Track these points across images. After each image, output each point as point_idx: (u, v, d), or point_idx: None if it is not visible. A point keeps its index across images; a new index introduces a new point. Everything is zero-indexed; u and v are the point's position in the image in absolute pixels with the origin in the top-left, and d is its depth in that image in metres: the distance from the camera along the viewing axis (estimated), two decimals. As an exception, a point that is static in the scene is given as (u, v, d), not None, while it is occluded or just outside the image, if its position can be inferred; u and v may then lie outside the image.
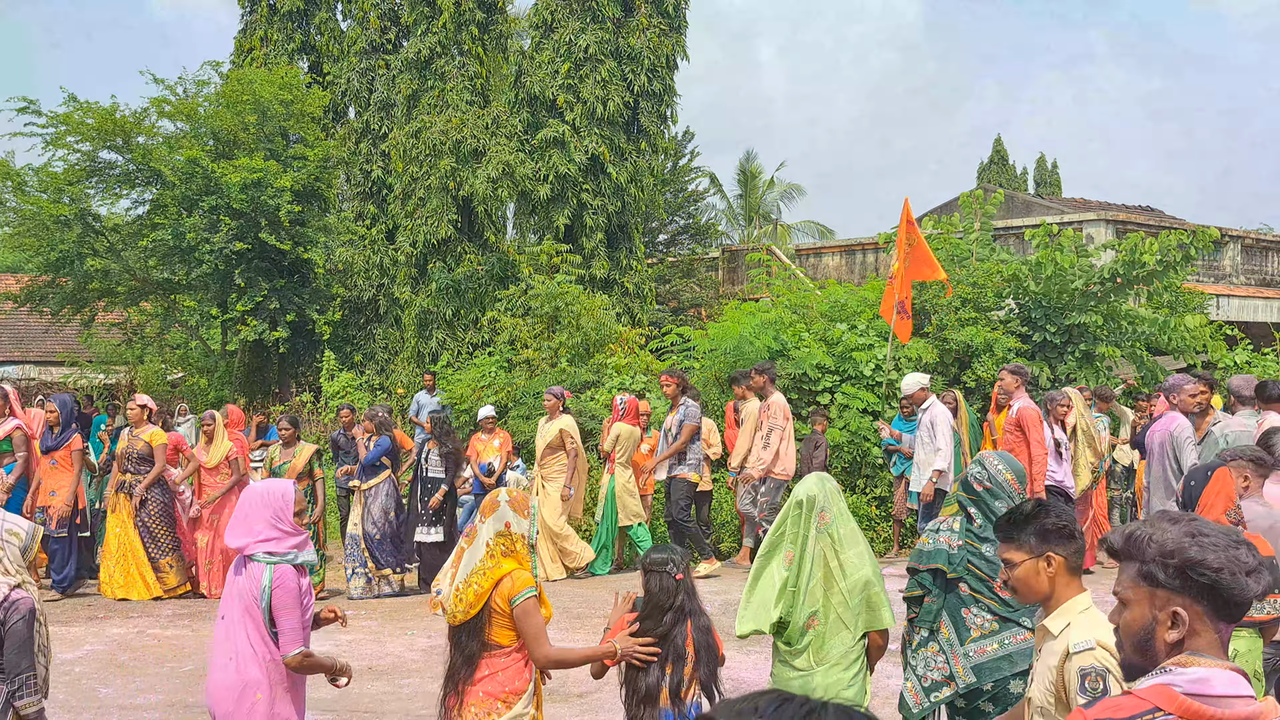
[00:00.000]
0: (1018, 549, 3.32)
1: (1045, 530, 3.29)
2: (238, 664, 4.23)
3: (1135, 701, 2.12)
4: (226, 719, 4.27)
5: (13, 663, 4.09)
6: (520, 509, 4.22)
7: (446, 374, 16.62)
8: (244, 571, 4.30)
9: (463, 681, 4.09)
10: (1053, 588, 3.28)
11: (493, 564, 4.10)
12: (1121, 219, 18.66)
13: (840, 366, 13.26)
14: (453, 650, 4.17)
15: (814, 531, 4.47)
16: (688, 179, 28.83)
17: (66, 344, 25.62)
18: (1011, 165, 38.70)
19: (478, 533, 4.20)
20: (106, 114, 18.61)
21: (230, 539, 4.40)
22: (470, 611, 4.06)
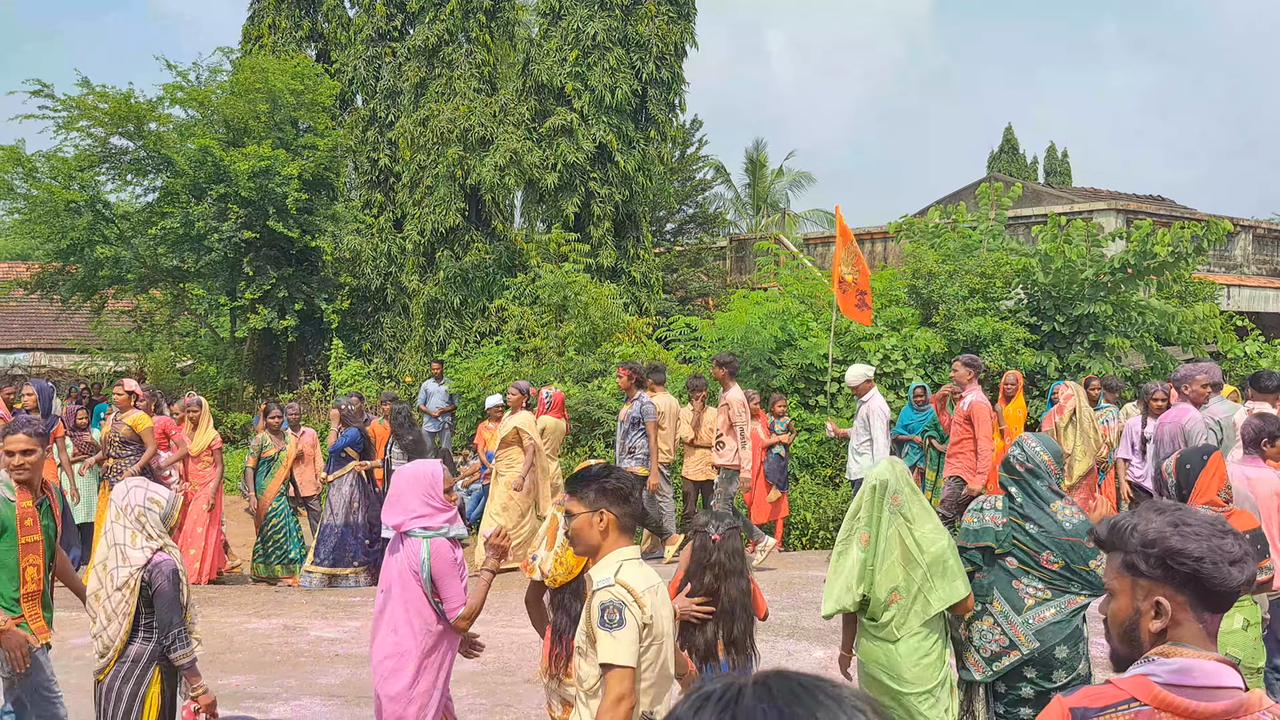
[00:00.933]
0: (578, 502, 3.58)
1: (604, 489, 3.55)
2: (396, 635, 4.57)
3: (1113, 691, 2.13)
4: (379, 685, 4.59)
5: (164, 620, 4.47)
6: None
7: (454, 362, 16.64)
8: (401, 548, 4.62)
9: (570, 637, 4.34)
10: (602, 540, 3.56)
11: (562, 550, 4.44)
12: (1132, 208, 18.57)
13: (848, 356, 13.24)
14: (555, 612, 4.52)
15: (888, 514, 4.71)
16: (695, 168, 28.76)
17: (77, 331, 25.70)
18: (1022, 155, 38.52)
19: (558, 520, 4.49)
20: (121, 100, 18.64)
21: (388, 518, 4.70)
22: (571, 574, 4.42)
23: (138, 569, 4.46)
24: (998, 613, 4.71)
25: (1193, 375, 8.63)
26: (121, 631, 4.47)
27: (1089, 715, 2.12)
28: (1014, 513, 4.77)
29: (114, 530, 4.55)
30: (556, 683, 4.50)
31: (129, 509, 4.60)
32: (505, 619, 8.81)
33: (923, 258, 14.45)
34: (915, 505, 4.74)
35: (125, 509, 4.60)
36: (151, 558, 4.48)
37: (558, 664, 4.46)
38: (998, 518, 4.78)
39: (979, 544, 4.79)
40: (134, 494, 4.62)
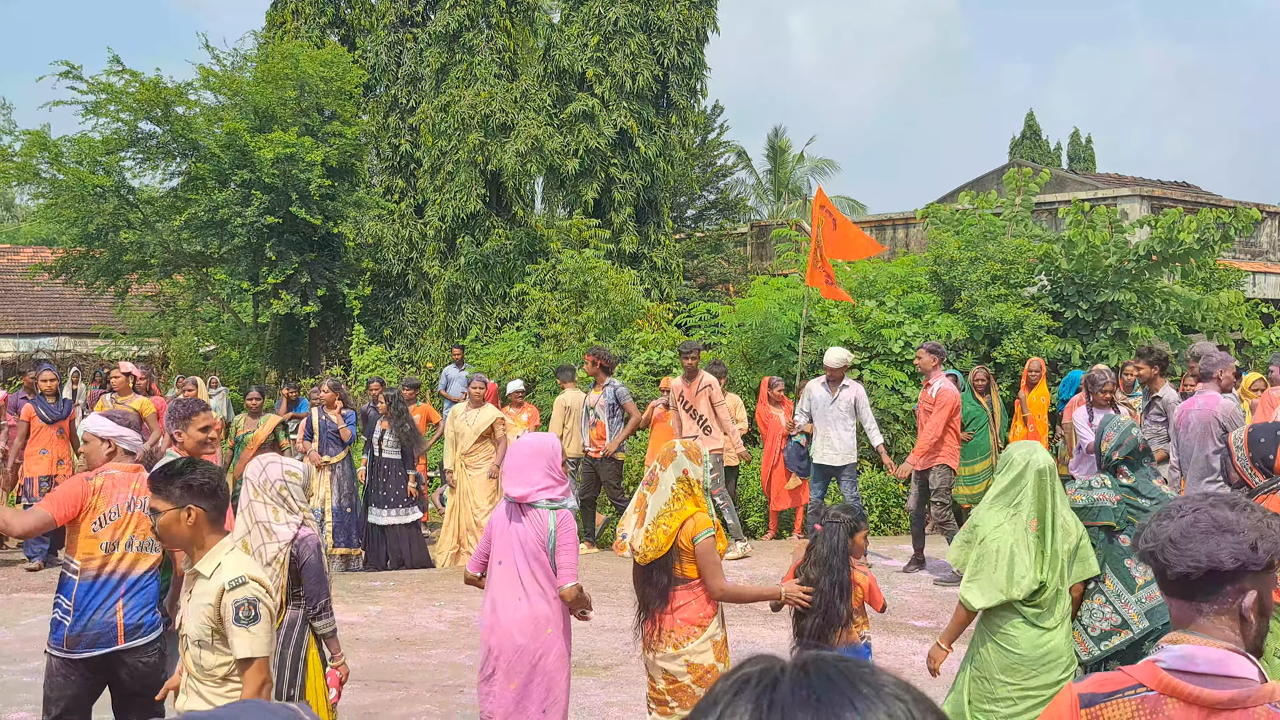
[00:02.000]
0: (164, 500, 3.64)
1: (189, 486, 3.63)
2: (530, 601, 4.72)
3: (1122, 677, 2.18)
4: (522, 652, 4.71)
5: (312, 591, 4.62)
6: (695, 457, 4.77)
7: (475, 348, 16.69)
8: (523, 518, 4.78)
9: (659, 611, 4.67)
10: (194, 535, 3.66)
11: (677, 506, 4.66)
12: (1157, 195, 18.40)
13: (869, 343, 13.21)
14: (645, 586, 4.73)
15: (1059, 499, 4.63)
16: (717, 153, 28.66)
17: (101, 316, 25.88)
18: (1045, 140, 38.21)
19: (659, 480, 4.73)
20: (150, 85, 18.71)
21: (511, 489, 4.81)
22: (662, 550, 4.61)
23: (285, 544, 4.57)
24: (1110, 591, 4.74)
25: (1227, 362, 8.54)
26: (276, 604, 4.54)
27: (1097, 700, 2.16)
28: (1125, 490, 4.82)
29: (254, 508, 4.60)
30: (654, 653, 4.71)
31: (268, 485, 4.64)
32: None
33: (944, 244, 14.38)
34: (1060, 490, 4.74)
35: (264, 485, 4.64)
36: (297, 533, 4.62)
37: (655, 637, 4.67)
38: (1110, 495, 4.83)
39: (1101, 522, 4.83)
40: (270, 470, 4.68)
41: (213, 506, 3.68)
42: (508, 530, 4.81)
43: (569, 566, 4.75)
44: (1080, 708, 2.17)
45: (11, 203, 46.36)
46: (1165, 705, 2.10)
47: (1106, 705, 2.15)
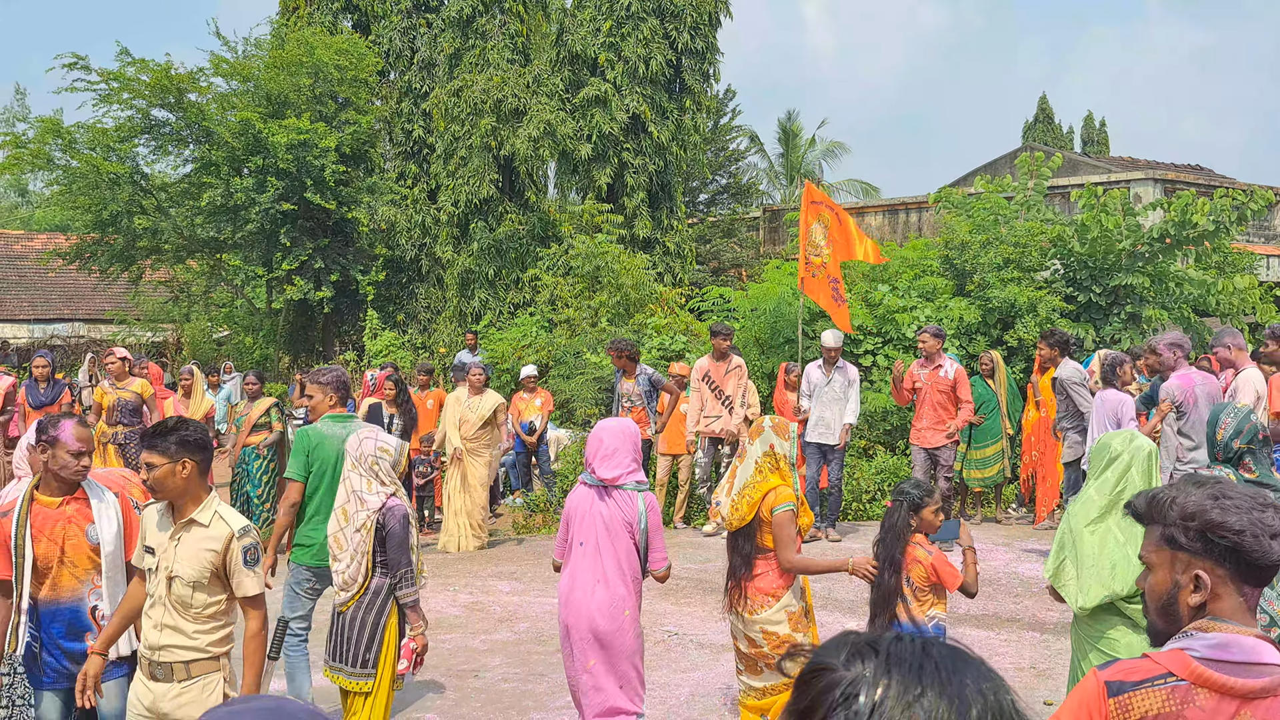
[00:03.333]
0: (160, 454, 3.88)
1: (184, 440, 3.89)
2: (607, 583, 4.80)
3: (1150, 665, 2.13)
4: (600, 634, 4.81)
5: (394, 559, 4.80)
6: (781, 433, 4.97)
7: (489, 333, 16.74)
8: (608, 500, 4.87)
9: (744, 578, 4.88)
10: (188, 486, 3.93)
11: (761, 479, 4.87)
12: (1170, 178, 18.31)
13: (882, 328, 13.20)
14: (732, 553, 4.96)
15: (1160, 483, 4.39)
16: (729, 138, 28.60)
17: (115, 301, 26.02)
18: (1058, 124, 37.98)
19: (748, 453, 4.95)
20: (162, 71, 18.75)
21: (604, 472, 4.88)
22: (744, 519, 4.83)
23: (373, 512, 4.80)
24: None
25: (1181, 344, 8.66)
26: (362, 569, 4.82)
27: (1125, 689, 2.12)
28: (1251, 485, 4.43)
29: (351, 478, 4.90)
30: (738, 618, 4.90)
31: (363, 458, 4.88)
32: (539, 587, 8.93)
33: (956, 227, 14.35)
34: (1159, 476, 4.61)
35: (360, 459, 4.89)
36: (385, 501, 4.82)
37: (738, 602, 4.87)
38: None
39: None
40: (365, 445, 4.90)
41: (203, 459, 3.97)
42: (591, 512, 4.88)
43: (661, 548, 4.90)
44: (1108, 696, 2.13)
45: (26, 189, 46.55)
46: (1196, 695, 2.07)
47: (1135, 694, 2.11)
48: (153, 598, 4.01)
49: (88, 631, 4.37)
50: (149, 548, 4.06)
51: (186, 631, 3.98)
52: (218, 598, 4.00)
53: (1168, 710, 2.07)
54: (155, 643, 3.99)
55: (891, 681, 1.13)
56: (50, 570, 4.34)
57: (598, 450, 4.91)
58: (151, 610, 4.01)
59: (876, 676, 1.14)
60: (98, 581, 4.41)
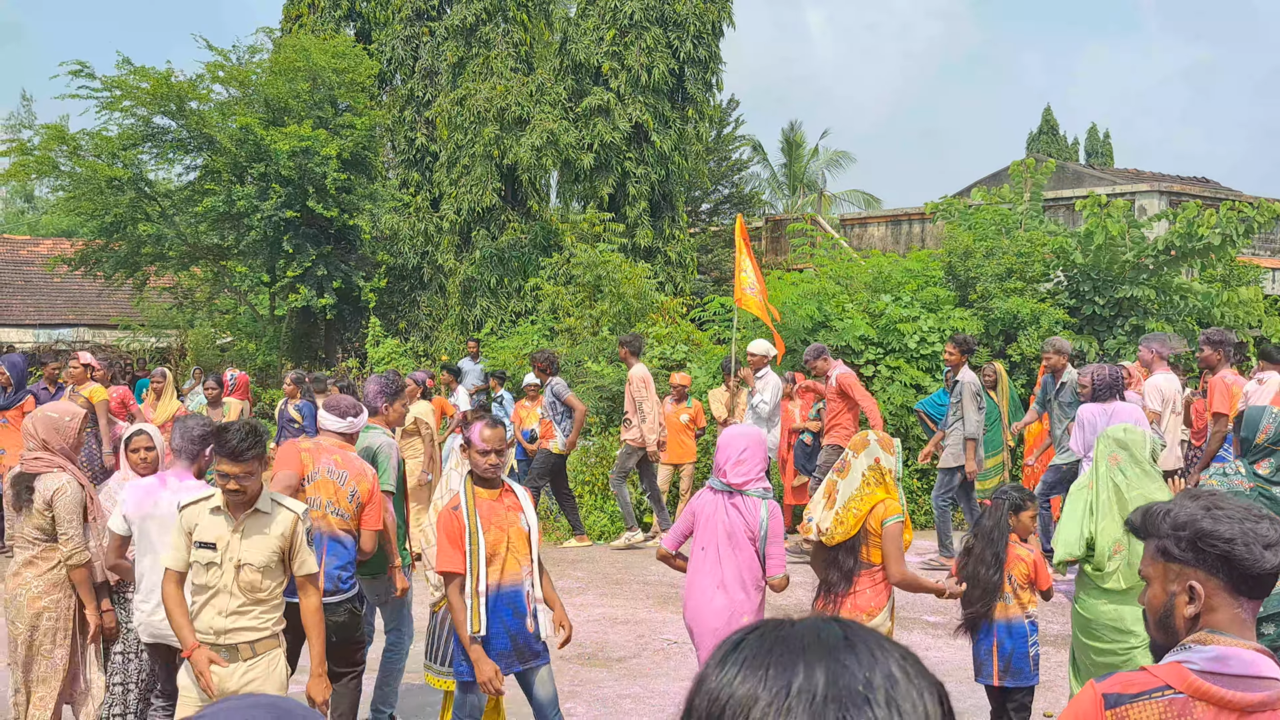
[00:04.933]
0: (254, 463, 4.24)
1: (259, 450, 4.25)
2: (727, 590, 4.81)
3: (1147, 678, 2.11)
4: (719, 637, 4.62)
5: None
6: (887, 447, 4.99)
7: (490, 341, 16.74)
8: (732, 506, 4.86)
9: (840, 594, 4.86)
10: (260, 485, 4.32)
11: (868, 492, 4.86)
12: (1176, 190, 18.29)
13: (884, 339, 13.18)
14: (828, 568, 4.92)
15: (1105, 467, 4.97)
16: (731, 147, 28.63)
17: (119, 307, 26.05)
18: (1062, 135, 37.96)
19: (851, 466, 4.93)
20: (161, 79, 18.83)
21: (734, 477, 4.88)
22: (850, 533, 4.81)
23: None
24: None
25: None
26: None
27: (1122, 701, 2.10)
28: (1259, 479, 4.84)
29: (451, 477, 5.11)
30: None
31: (460, 465, 5.08)
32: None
33: (958, 237, 14.33)
34: (1134, 468, 4.97)
35: (461, 461, 5.08)
36: None
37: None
38: (1245, 482, 4.85)
39: None
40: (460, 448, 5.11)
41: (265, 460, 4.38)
42: (714, 518, 4.89)
43: (780, 556, 4.90)
44: (1105, 708, 2.11)
45: (32, 195, 46.69)
46: (1194, 708, 2.05)
47: (1132, 706, 2.09)
48: (213, 588, 4.31)
49: (526, 614, 4.71)
50: (207, 544, 4.31)
51: (254, 613, 4.33)
52: (278, 580, 4.37)
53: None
54: (222, 628, 4.30)
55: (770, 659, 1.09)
56: (498, 556, 4.70)
57: (730, 456, 4.90)
58: (214, 600, 4.31)
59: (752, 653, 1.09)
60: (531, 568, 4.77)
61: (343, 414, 5.58)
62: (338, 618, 5.21)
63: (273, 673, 4.37)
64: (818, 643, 1.07)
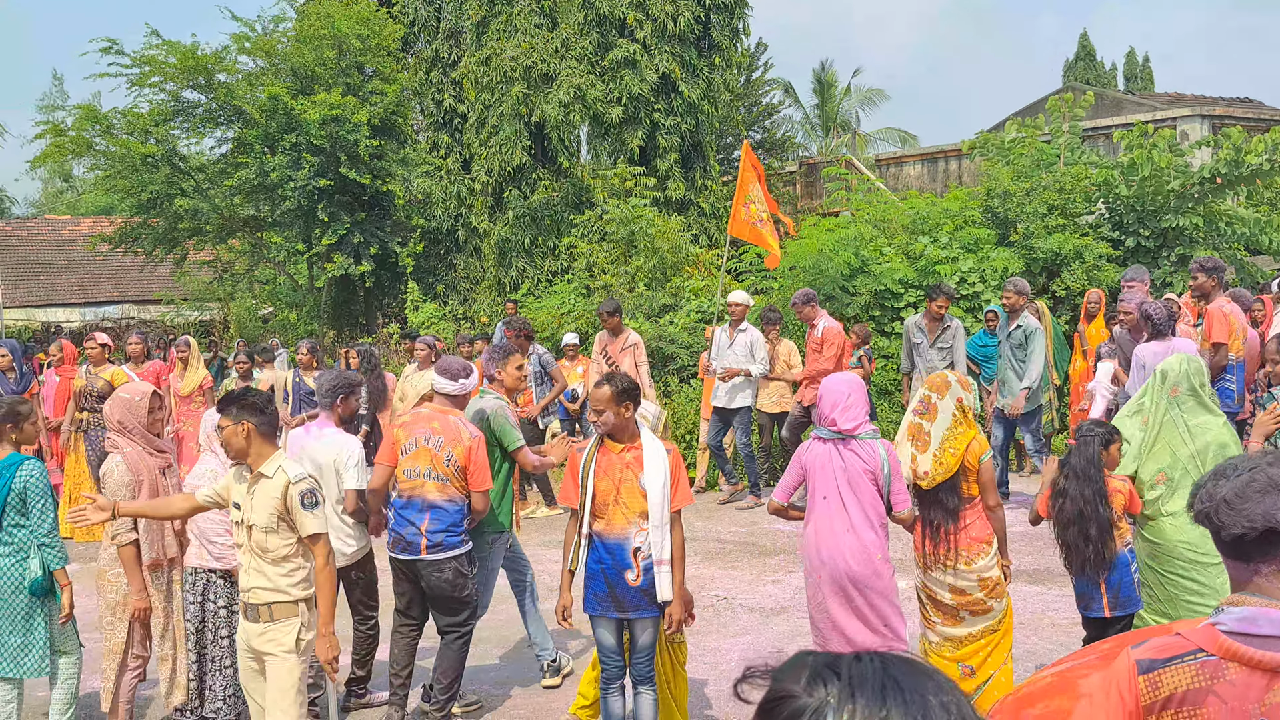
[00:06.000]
0: (226, 418, 4.52)
1: (242, 404, 4.52)
2: (857, 532, 4.91)
3: (1181, 642, 2.12)
4: (856, 579, 4.93)
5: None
6: (965, 386, 5.14)
7: (528, 302, 16.75)
8: (846, 451, 4.96)
9: (951, 530, 5.00)
10: (249, 445, 4.53)
11: (960, 430, 5.03)
12: (1219, 114, 17.84)
13: (923, 280, 13.03)
14: (932, 509, 5.03)
15: (1165, 400, 5.21)
16: (761, 92, 28.23)
17: (162, 282, 26.37)
18: (1100, 62, 37.09)
19: (938, 407, 5.06)
20: (188, 52, 18.87)
21: (844, 422, 4.96)
22: (950, 471, 4.97)
23: None
24: None
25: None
26: None
27: (1155, 666, 2.11)
28: None
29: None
30: (944, 571, 5.00)
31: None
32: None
33: (997, 176, 14.07)
34: (1191, 400, 5.19)
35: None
36: None
37: (946, 555, 4.98)
38: None
39: None
40: (646, 407, 5.16)
41: (262, 421, 4.52)
42: (829, 466, 4.98)
43: (904, 491, 5.00)
44: (1138, 674, 2.11)
45: (70, 174, 47.18)
46: (1226, 670, 2.05)
47: (1165, 671, 2.09)
48: (241, 546, 4.61)
49: (628, 568, 4.79)
50: (236, 504, 4.63)
51: (268, 574, 4.52)
52: (289, 540, 4.53)
53: (1197, 685, 2.06)
54: (245, 585, 4.59)
55: (856, 706, 1.14)
56: (606, 507, 4.82)
57: (836, 403, 4.98)
58: (242, 557, 4.61)
59: (841, 702, 1.15)
60: (644, 525, 4.78)
61: (454, 376, 5.71)
62: (441, 574, 5.49)
63: (284, 638, 4.53)
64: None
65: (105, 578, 5.37)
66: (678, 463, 4.90)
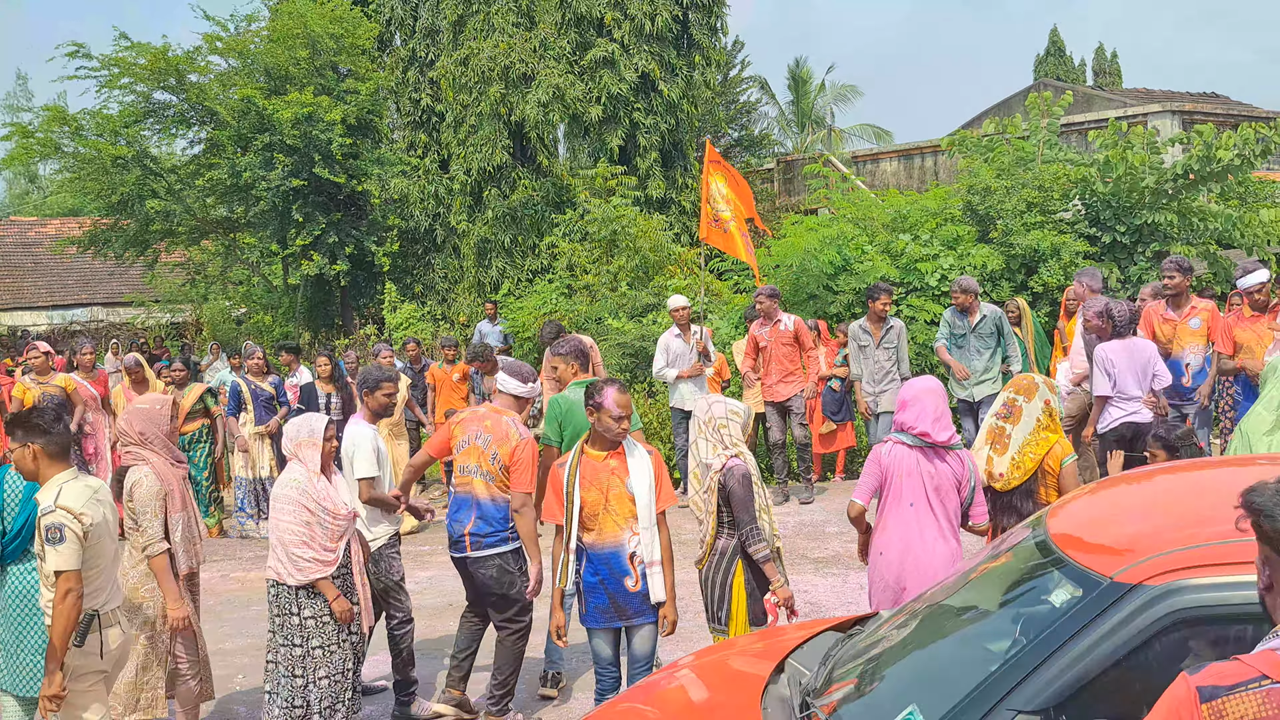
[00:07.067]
0: (13, 440, 4.35)
1: (28, 426, 4.35)
2: (945, 539, 4.88)
3: (1242, 669, 2.06)
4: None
5: (739, 518, 4.93)
6: (1053, 390, 5.13)
7: (508, 302, 16.69)
8: (937, 460, 4.91)
9: None
10: (36, 467, 4.37)
11: (1043, 435, 5.01)
12: (1188, 109, 18.05)
13: (905, 278, 13.11)
14: (1005, 513, 5.07)
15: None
16: (739, 89, 28.27)
17: (132, 285, 26.09)
18: (1069, 56, 37.40)
19: (1023, 410, 5.05)
20: (158, 54, 18.66)
21: (938, 434, 4.91)
22: (1027, 474, 4.98)
23: (715, 472, 5.00)
24: None
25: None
26: (709, 528, 5.02)
27: (1218, 694, 2.04)
28: None
29: (699, 444, 5.14)
30: None
31: (711, 421, 5.08)
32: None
33: (978, 173, 14.17)
34: None
35: (708, 421, 5.08)
36: (726, 462, 4.99)
37: None
38: None
39: None
40: (715, 408, 5.13)
41: (49, 441, 4.37)
42: (916, 472, 4.90)
43: (983, 502, 4.99)
44: (1200, 702, 2.05)
45: (35, 175, 46.55)
46: None
47: (1229, 699, 2.02)
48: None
49: (626, 575, 4.81)
50: None
51: (46, 598, 4.37)
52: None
53: (1265, 715, 2.00)
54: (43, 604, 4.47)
55: None
56: (595, 517, 4.80)
57: (925, 413, 4.91)
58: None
59: None
60: (635, 529, 4.79)
61: (524, 379, 5.84)
62: (486, 571, 5.59)
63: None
64: None
65: (139, 594, 5.27)
66: (660, 464, 4.94)
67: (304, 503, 5.11)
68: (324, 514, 5.13)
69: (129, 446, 5.29)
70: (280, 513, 5.14)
